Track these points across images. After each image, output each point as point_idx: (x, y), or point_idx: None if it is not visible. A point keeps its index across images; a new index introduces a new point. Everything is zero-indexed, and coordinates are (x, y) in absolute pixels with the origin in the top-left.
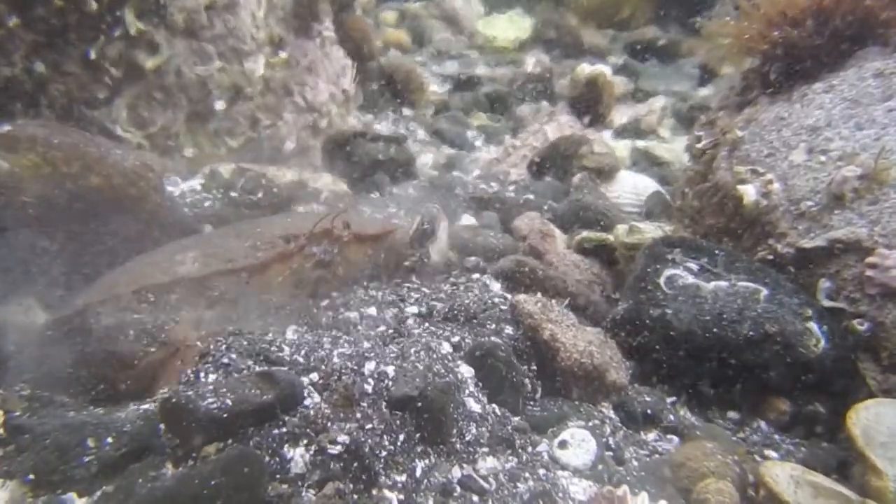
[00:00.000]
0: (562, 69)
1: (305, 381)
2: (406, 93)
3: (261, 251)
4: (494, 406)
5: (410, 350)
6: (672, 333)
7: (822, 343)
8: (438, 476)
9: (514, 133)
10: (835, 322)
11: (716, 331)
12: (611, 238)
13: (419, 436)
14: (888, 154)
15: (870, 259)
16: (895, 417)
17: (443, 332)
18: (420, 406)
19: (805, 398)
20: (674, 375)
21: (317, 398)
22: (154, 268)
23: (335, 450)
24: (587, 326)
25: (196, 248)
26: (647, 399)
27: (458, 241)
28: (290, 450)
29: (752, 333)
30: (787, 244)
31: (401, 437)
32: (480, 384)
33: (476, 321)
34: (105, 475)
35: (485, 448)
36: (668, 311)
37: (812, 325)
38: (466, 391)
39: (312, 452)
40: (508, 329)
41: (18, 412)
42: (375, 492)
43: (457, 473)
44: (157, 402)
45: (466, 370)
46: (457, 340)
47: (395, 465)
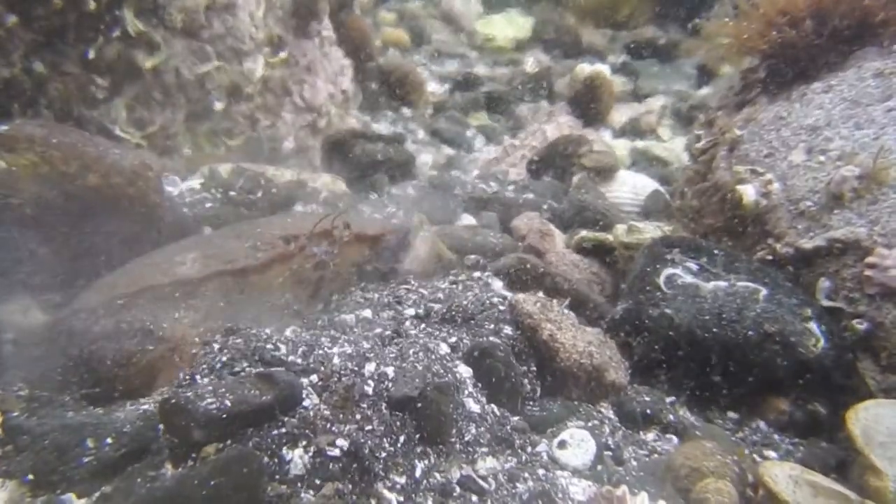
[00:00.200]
0: (561, 69)
1: (305, 382)
2: (405, 93)
3: (261, 252)
4: (493, 406)
5: (409, 351)
6: (671, 333)
7: (822, 343)
8: (438, 476)
9: (514, 133)
10: (834, 322)
11: (715, 330)
12: (610, 238)
13: (419, 436)
14: (887, 154)
15: (869, 259)
16: (894, 417)
17: (439, 334)
18: (420, 406)
19: (804, 398)
20: (673, 375)
21: (316, 399)
22: (154, 269)
23: (334, 451)
24: (587, 326)
25: (196, 249)
26: (647, 399)
27: (457, 241)
28: (290, 450)
29: (752, 333)
30: (787, 244)
31: (400, 438)
32: (479, 384)
33: (474, 322)
34: (104, 476)
35: (484, 448)
36: (668, 311)
37: (811, 325)
38: (465, 391)
39: (312, 453)
40: (507, 329)
41: (17, 412)
42: (375, 492)
43: (456, 474)
44: (157, 403)
45: (465, 370)
46: (454, 341)
47: (395, 466)
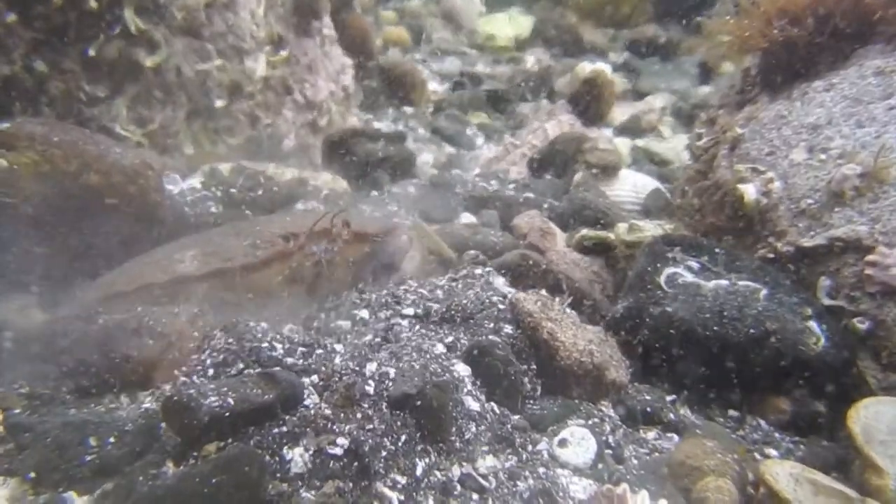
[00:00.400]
0: (561, 67)
1: (306, 382)
2: (406, 91)
3: (260, 250)
4: (493, 404)
5: (405, 351)
6: (672, 332)
7: (822, 341)
8: (438, 474)
9: (514, 131)
10: (835, 320)
11: (716, 329)
12: (611, 236)
13: (419, 434)
14: (888, 152)
15: (870, 257)
16: (895, 416)
17: (435, 334)
18: (419, 404)
19: (805, 396)
20: (674, 374)
21: (316, 398)
22: (153, 266)
23: (335, 450)
24: (587, 325)
25: (195, 247)
26: (647, 397)
27: (458, 240)
28: (290, 449)
29: (753, 332)
30: (788, 242)
31: (400, 436)
32: (478, 383)
33: (473, 321)
34: (106, 474)
35: (484, 447)
36: (669, 310)
37: (812, 324)
38: (464, 390)
39: (312, 452)
40: (507, 328)
41: (18, 410)
42: (375, 490)
43: (456, 472)
44: (159, 401)
45: (463, 369)
46: (450, 341)
47: (395, 464)
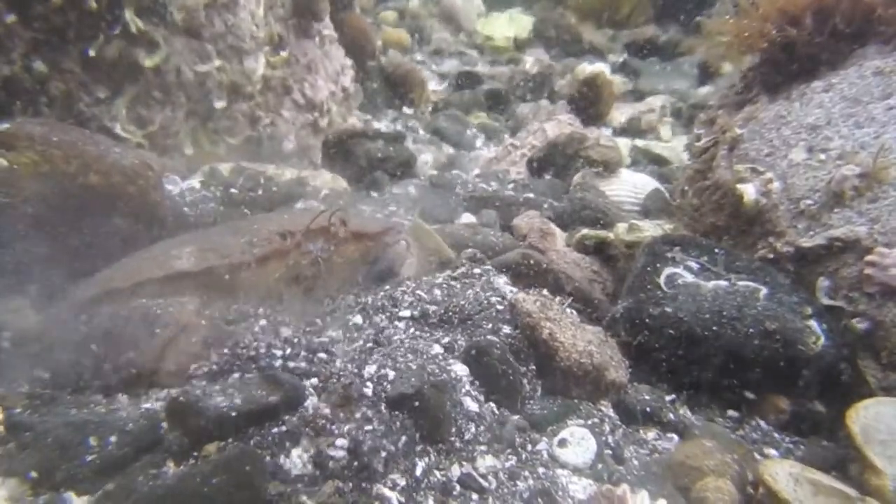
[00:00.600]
0: (561, 68)
1: (307, 384)
2: (406, 91)
3: (257, 247)
4: (492, 405)
5: (399, 353)
6: (672, 332)
7: (822, 341)
8: (438, 474)
9: (514, 132)
10: (834, 320)
11: (715, 329)
12: (611, 236)
13: (418, 435)
14: (887, 152)
15: (869, 258)
16: (894, 416)
17: (432, 336)
18: (417, 405)
19: (804, 396)
20: (673, 374)
21: (316, 400)
22: (150, 263)
23: (335, 451)
24: (587, 325)
25: (193, 244)
26: (647, 397)
27: (458, 240)
28: (291, 449)
29: (752, 332)
30: (787, 243)
31: (399, 436)
32: (477, 383)
33: (471, 322)
34: (107, 474)
35: (483, 446)
36: (668, 310)
37: (812, 324)
38: (463, 390)
39: (312, 452)
40: (506, 329)
41: (19, 409)
42: (375, 490)
43: (456, 472)
44: (160, 401)
45: (461, 369)
46: (447, 341)
47: (395, 464)
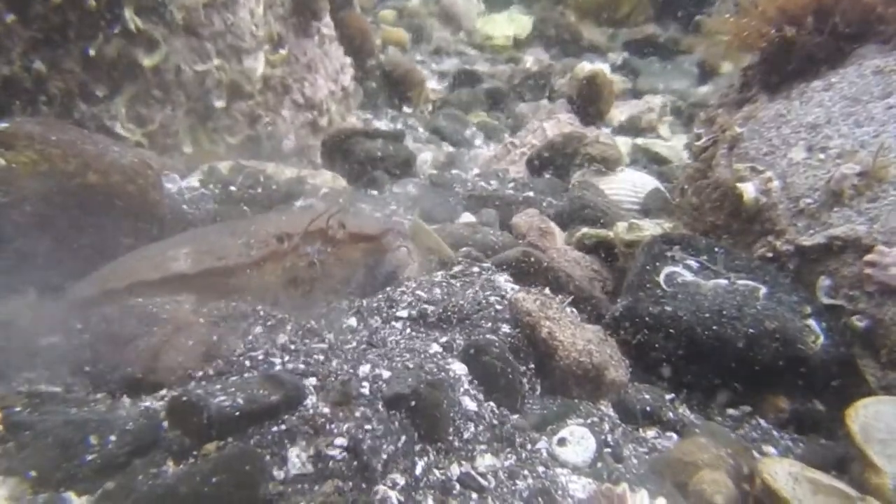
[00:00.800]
0: (561, 67)
1: (306, 383)
2: (405, 90)
3: (254, 249)
4: (491, 404)
5: (395, 353)
6: (671, 331)
7: (821, 340)
8: (437, 474)
9: (514, 130)
10: (834, 319)
11: (715, 328)
12: (612, 235)
13: (416, 434)
14: (887, 151)
15: (869, 257)
16: (894, 415)
17: (428, 336)
18: (414, 404)
19: (804, 395)
20: (673, 373)
21: (314, 399)
22: (146, 263)
23: (334, 450)
24: (587, 324)
25: (190, 245)
26: (647, 396)
27: (457, 239)
28: (290, 448)
29: (752, 331)
30: (787, 241)
31: (397, 436)
32: (476, 382)
33: (469, 321)
34: (107, 473)
35: (483, 446)
36: (668, 309)
37: (811, 322)
38: (461, 389)
39: (312, 451)
40: (505, 328)
41: (18, 408)
42: (375, 489)
43: (456, 471)
44: (161, 400)
45: (460, 368)
46: (445, 341)
47: (394, 463)
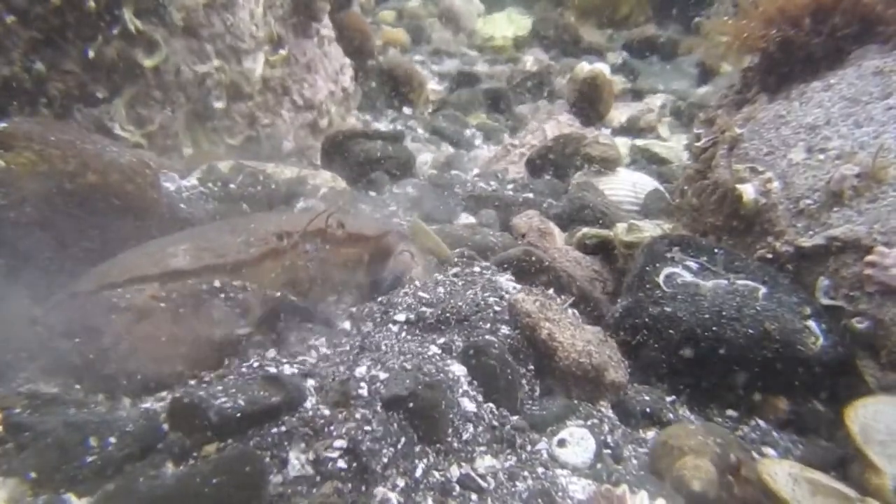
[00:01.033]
0: (560, 67)
1: (307, 384)
2: (405, 91)
3: (254, 247)
4: (491, 405)
5: (390, 355)
6: (671, 332)
7: (821, 341)
8: (437, 475)
9: (513, 131)
10: (833, 320)
11: (715, 329)
12: (612, 235)
13: (415, 436)
14: (887, 152)
15: (868, 257)
16: (894, 415)
17: (424, 339)
18: (412, 406)
19: (804, 396)
20: (673, 374)
21: (314, 400)
22: (146, 259)
23: (333, 452)
24: (587, 325)
25: (189, 241)
26: (646, 398)
27: (457, 240)
28: (290, 450)
29: (751, 331)
30: (786, 242)
31: (396, 437)
32: (475, 383)
33: (468, 323)
34: (107, 474)
35: (482, 447)
36: (668, 310)
37: (811, 323)
38: (460, 390)
39: (311, 453)
40: (504, 329)
41: (18, 409)
42: (374, 490)
43: (455, 472)
44: (167, 402)
45: (459, 369)
46: (444, 342)
47: (394, 465)
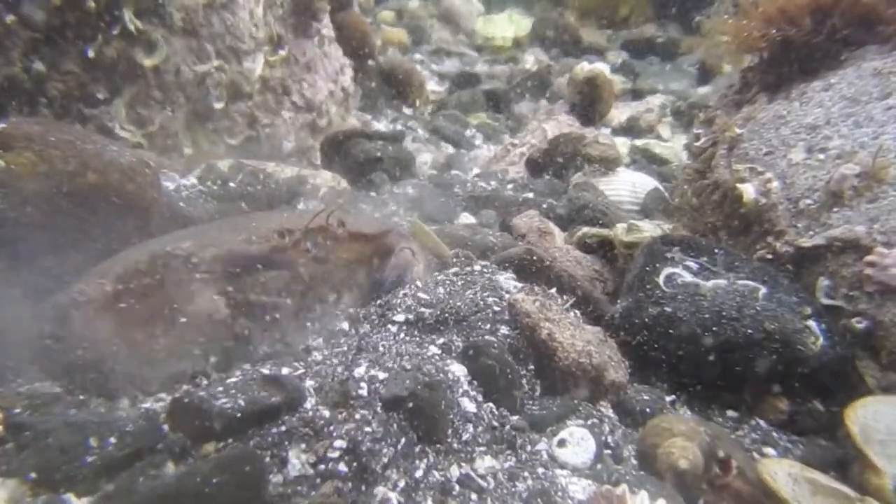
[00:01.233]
0: (560, 67)
1: (306, 384)
2: (405, 91)
3: (254, 245)
4: (490, 405)
5: (388, 356)
6: (671, 332)
7: (821, 341)
8: (437, 475)
9: (513, 131)
10: (833, 320)
11: (715, 329)
12: (612, 234)
13: (415, 436)
14: (886, 152)
15: (868, 257)
16: (893, 415)
17: (422, 340)
18: (412, 406)
19: (804, 396)
20: (673, 374)
21: (314, 401)
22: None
23: (333, 452)
24: (587, 325)
25: (190, 239)
26: (647, 398)
27: (456, 240)
28: (290, 449)
29: (751, 331)
30: (786, 242)
31: (396, 437)
32: (475, 383)
33: (466, 323)
34: (107, 475)
35: (482, 447)
36: (668, 310)
37: (811, 323)
38: (460, 390)
39: (311, 453)
40: (504, 329)
41: (18, 409)
42: (374, 490)
43: (455, 472)
44: (168, 402)
45: (458, 369)
46: (443, 342)
47: (394, 465)
